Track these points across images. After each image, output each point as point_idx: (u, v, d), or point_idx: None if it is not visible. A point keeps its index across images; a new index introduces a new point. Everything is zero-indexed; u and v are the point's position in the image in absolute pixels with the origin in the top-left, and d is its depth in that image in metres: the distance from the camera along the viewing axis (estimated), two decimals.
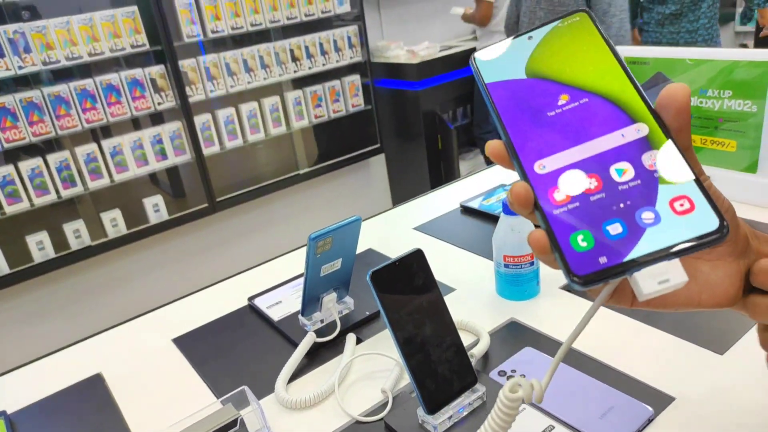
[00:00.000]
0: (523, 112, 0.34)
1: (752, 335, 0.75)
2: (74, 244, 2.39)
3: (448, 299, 0.92)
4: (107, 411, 0.80)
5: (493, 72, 0.35)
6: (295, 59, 2.80)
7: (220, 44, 2.67)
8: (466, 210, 1.24)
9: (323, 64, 2.89)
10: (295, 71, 2.81)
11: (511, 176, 1.38)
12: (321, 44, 2.85)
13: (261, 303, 0.99)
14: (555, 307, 0.87)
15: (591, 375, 0.72)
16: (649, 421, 0.65)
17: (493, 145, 0.35)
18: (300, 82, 2.92)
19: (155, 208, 2.58)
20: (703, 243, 0.29)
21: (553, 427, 0.65)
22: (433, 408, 0.66)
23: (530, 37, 0.35)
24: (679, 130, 0.32)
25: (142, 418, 0.78)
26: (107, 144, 2.41)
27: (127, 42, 2.35)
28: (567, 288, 0.91)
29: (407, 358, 0.65)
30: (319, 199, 3.17)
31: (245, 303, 1.01)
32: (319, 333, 0.86)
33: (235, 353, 0.88)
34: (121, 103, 2.39)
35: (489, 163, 3.21)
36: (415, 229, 1.20)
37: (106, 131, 2.46)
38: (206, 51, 2.61)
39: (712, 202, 0.30)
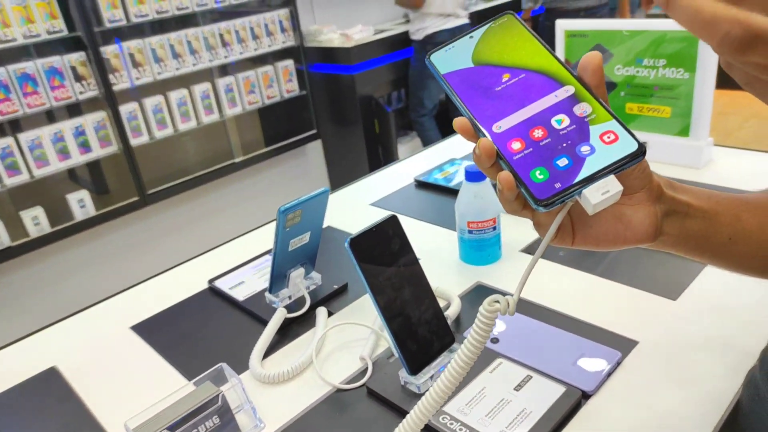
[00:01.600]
0: (476, 90, 0.42)
1: (700, 282, 0.81)
2: None
3: None
4: (69, 403, 0.75)
5: (446, 65, 0.44)
6: (225, 44, 2.71)
7: (145, 29, 2.55)
8: (421, 184, 1.26)
9: (255, 49, 2.82)
10: (225, 56, 2.72)
11: (460, 151, 1.41)
12: (252, 29, 2.78)
13: (223, 284, 0.96)
14: (517, 269, 0.90)
15: (561, 327, 0.75)
16: (618, 363, 0.69)
17: (459, 122, 0.42)
18: (231, 68, 2.83)
19: (81, 203, 2.43)
20: (629, 161, 0.37)
21: (531, 377, 0.68)
22: (415, 368, 0.67)
23: (471, 37, 0.45)
24: (597, 85, 0.41)
25: (109, 405, 0.74)
26: (25, 137, 2.24)
27: (42, 27, 2.20)
28: (527, 251, 0.95)
29: (388, 321, 0.66)
30: (256, 189, 3.10)
31: (205, 286, 0.98)
32: (289, 309, 0.85)
33: (202, 336, 0.86)
34: (38, 93, 2.23)
35: (425, 145, 3.26)
36: (371, 204, 1.20)
37: (23, 124, 2.29)
38: (130, 36, 2.48)
39: (630, 132, 0.38)
